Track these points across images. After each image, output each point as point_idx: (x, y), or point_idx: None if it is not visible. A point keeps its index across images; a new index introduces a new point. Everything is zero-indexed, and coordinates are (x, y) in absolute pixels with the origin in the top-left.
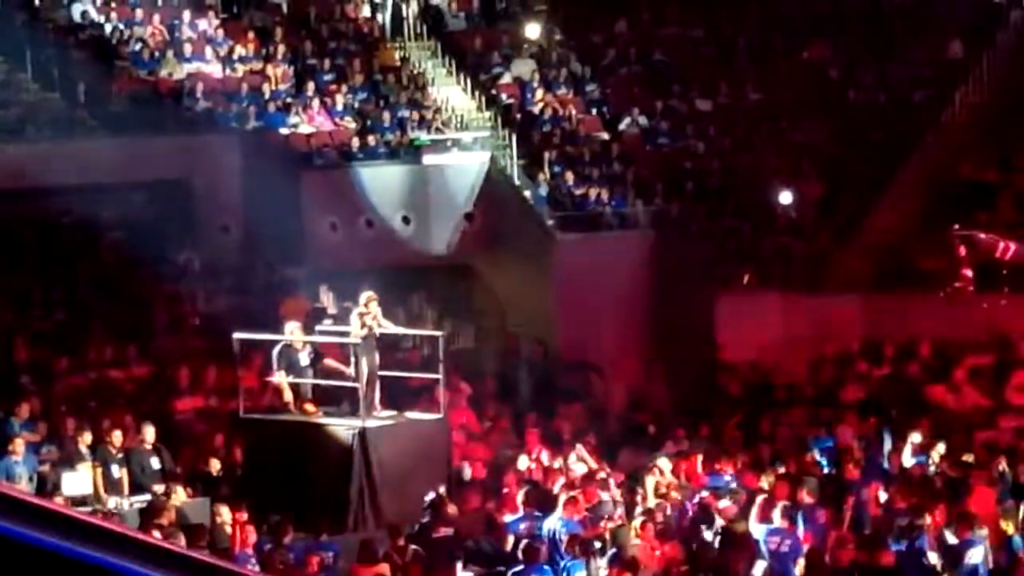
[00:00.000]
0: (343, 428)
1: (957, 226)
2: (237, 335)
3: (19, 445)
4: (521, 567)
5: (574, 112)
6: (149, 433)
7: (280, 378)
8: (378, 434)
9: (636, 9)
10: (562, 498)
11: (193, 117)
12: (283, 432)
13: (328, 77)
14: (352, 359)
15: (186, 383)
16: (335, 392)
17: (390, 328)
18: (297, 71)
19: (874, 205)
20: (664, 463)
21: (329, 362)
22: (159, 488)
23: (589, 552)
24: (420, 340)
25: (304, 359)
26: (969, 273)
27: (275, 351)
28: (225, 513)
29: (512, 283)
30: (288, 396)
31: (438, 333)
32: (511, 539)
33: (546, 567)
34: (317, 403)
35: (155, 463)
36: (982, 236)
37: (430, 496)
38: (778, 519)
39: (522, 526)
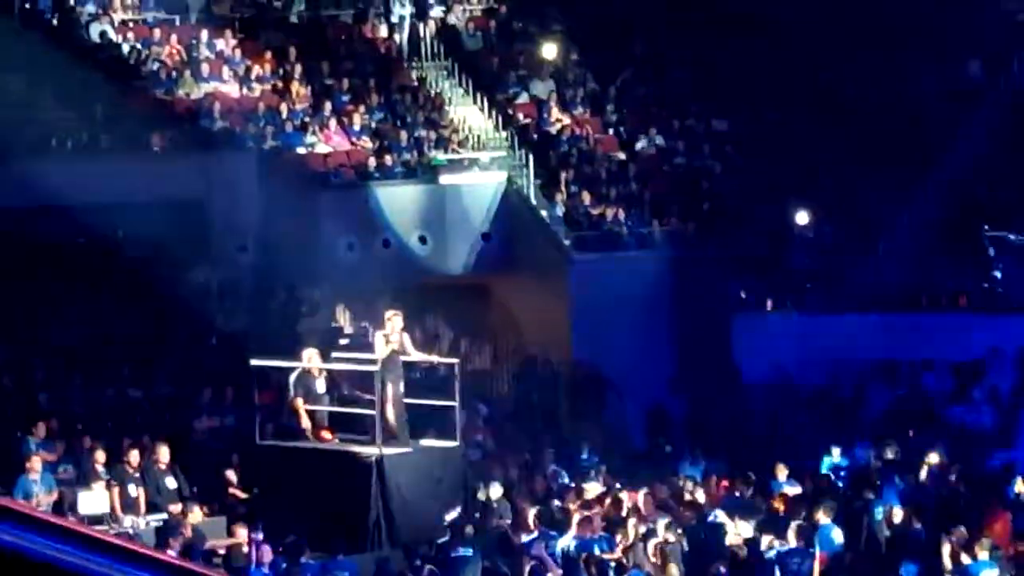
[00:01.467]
0: (360, 456)
1: (987, 227)
2: (254, 361)
3: (36, 463)
4: None
5: (591, 132)
6: (164, 453)
7: (297, 404)
8: (395, 462)
9: (653, 29)
10: (576, 517)
11: (210, 136)
12: (300, 460)
13: (345, 97)
14: (377, 385)
15: (203, 403)
16: (353, 418)
17: (411, 351)
18: (314, 91)
19: (891, 224)
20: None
21: (348, 390)
22: (175, 508)
23: (604, 572)
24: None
25: (321, 386)
26: (998, 274)
27: (292, 377)
28: (241, 533)
29: (529, 303)
30: (305, 423)
31: (454, 361)
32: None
33: None
34: (334, 431)
35: (171, 483)
36: (1012, 237)
37: (450, 516)
38: (793, 539)
39: (536, 546)
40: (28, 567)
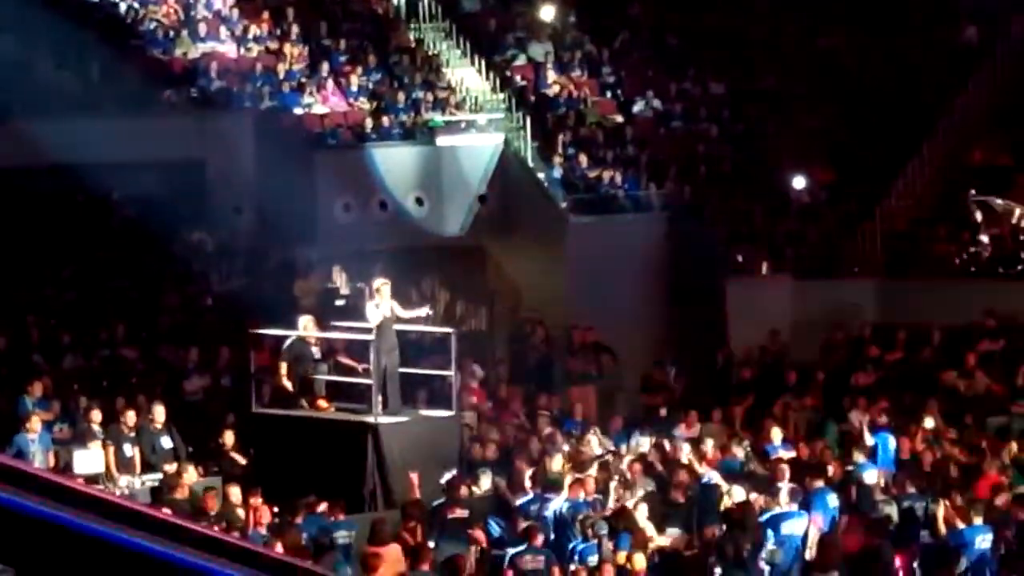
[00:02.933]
0: (357, 425)
1: (973, 191)
2: (252, 330)
3: (35, 423)
4: (522, 547)
5: (588, 95)
6: (159, 413)
7: (281, 368)
8: (391, 431)
9: None
10: (568, 479)
11: (207, 97)
12: (296, 428)
13: (343, 58)
14: (372, 355)
15: (198, 363)
16: (349, 387)
17: (404, 315)
18: (311, 51)
19: (886, 190)
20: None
21: (343, 359)
22: (170, 467)
23: (597, 534)
24: (431, 323)
25: (316, 353)
26: (986, 239)
27: (286, 342)
28: (235, 493)
29: (525, 265)
30: (288, 386)
31: (450, 330)
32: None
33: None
34: (329, 399)
35: (166, 442)
36: (999, 202)
37: (446, 477)
38: (786, 503)
39: (532, 508)
40: (24, 525)
